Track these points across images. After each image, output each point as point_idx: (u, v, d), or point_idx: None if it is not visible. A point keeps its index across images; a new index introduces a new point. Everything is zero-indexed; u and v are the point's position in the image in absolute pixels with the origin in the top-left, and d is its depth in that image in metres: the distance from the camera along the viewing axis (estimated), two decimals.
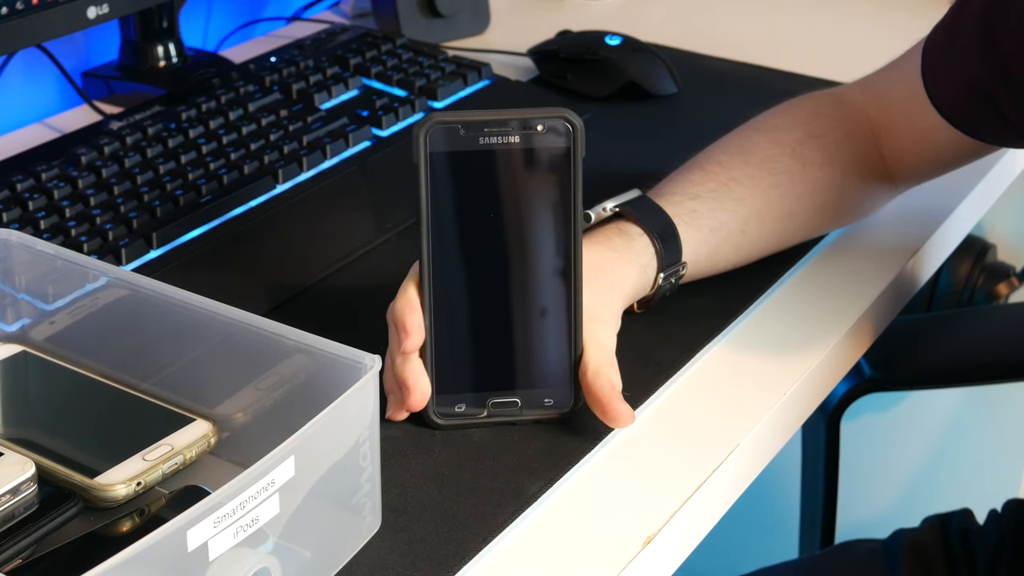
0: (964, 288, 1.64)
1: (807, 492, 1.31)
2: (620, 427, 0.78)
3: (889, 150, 0.96)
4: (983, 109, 0.89)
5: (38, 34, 1.05)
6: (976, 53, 0.87)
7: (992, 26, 0.86)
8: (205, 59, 1.27)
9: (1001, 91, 0.87)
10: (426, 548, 0.70)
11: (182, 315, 0.73)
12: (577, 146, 0.77)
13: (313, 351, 0.69)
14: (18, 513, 0.67)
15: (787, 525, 1.40)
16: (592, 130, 1.15)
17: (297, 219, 1.01)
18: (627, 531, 0.72)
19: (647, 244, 0.86)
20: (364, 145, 1.10)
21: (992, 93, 0.87)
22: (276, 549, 0.62)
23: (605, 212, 0.87)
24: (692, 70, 1.27)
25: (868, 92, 0.98)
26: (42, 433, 0.75)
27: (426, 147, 0.75)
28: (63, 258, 0.78)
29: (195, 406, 0.75)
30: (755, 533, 1.67)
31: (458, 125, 0.76)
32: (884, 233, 1.02)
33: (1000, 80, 0.86)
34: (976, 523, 1.14)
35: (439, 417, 0.78)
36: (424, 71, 1.21)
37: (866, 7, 1.47)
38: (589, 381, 0.77)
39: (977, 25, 0.87)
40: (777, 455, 0.86)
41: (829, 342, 0.89)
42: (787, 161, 0.93)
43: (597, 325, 0.79)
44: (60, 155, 1.03)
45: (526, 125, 0.76)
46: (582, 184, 0.77)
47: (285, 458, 0.61)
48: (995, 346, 1.25)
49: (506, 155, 0.76)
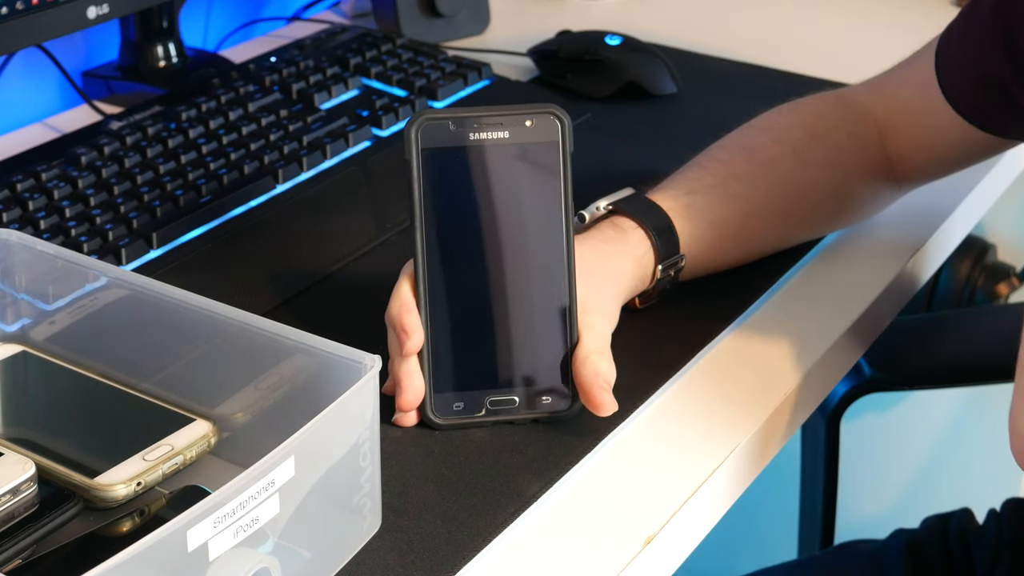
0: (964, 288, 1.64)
1: (807, 492, 1.31)
2: (602, 415, 0.77)
3: (896, 150, 0.96)
4: (999, 103, 0.89)
5: (38, 34, 1.05)
6: (991, 47, 0.88)
7: (1007, 19, 0.86)
8: (205, 59, 1.27)
9: (1017, 84, 0.87)
10: (426, 548, 0.70)
11: (182, 315, 0.73)
12: (566, 140, 0.78)
13: (313, 351, 0.69)
14: (18, 513, 0.67)
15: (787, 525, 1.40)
16: (592, 130, 1.17)
17: (297, 219, 1.01)
18: (627, 531, 0.72)
19: (642, 237, 0.86)
20: (364, 145, 1.10)
21: (1008, 86, 0.88)
22: (276, 549, 0.62)
23: (599, 211, 0.88)
24: (692, 70, 1.27)
25: (876, 93, 0.98)
26: (42, 433, 0.75)
27: (417, 143, 0.76)
28: (63, 258, 0.78)
29: (195, 406, 0.75)
30: (755, 533, 1.67)
31: (448, 121, 0.77)
32: (884, 233, 1.02)
33: (1016, 73, 0.86)
34: (976, 523, 1.14)
35: (437, 416, 0.78)
36: (424, 71, 1.21)
37: (867, 7, 1.47)
38: (577, 367, 0.77)
39: (991, 19, 0.88)
40: (777, 455, 0.86)
41: (829, 342, 0.89)
42: (789, 160, 0.93)
43: (592, 315, 0.80)
44: (60, 155, 1.03)
45: (515, 121, 0.77)
46: (572, 179, 0.78)
47: (285, 458, 0.61)
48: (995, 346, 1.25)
49: (496, 150, 0.77)
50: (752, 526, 1.62)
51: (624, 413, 0.80)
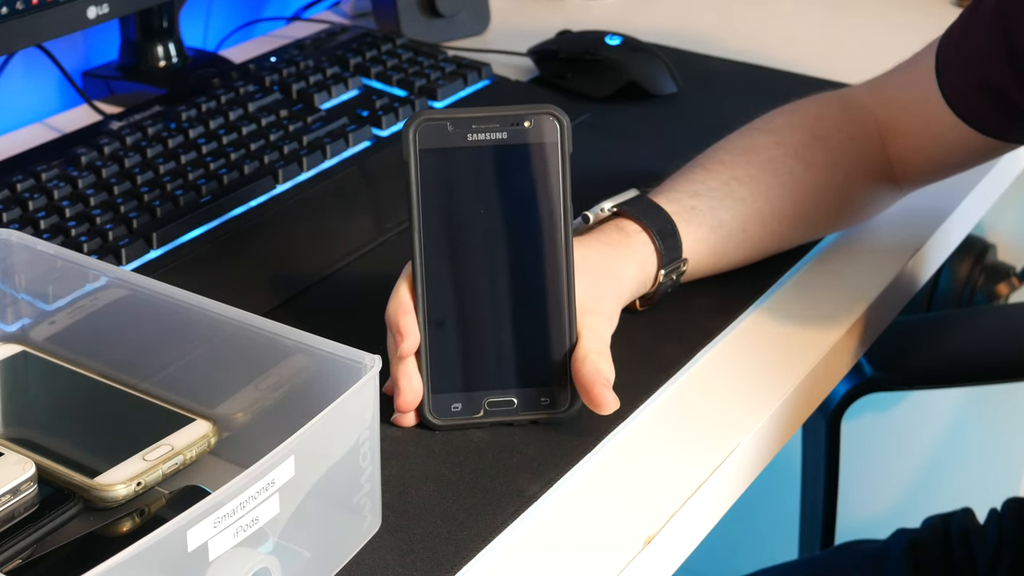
0: (964, 288, 1.64)
1: (808, 492, 1.31)
2: (603, 413, 0.77)
3: (897, 152, 0.96)
4: (999, 107, 0.89)
5: (38, 34, 1.06)
6: (992, 51, 0.88)
7: (1007, 22, 0.86)
8: (205, 59, 1.27)
9: (1017, 88, 0.87)
10: (426, 548, 0.70)
11: (182, 315, 0.73)
12: (564, 141, 0.78)
13: (313, 351, 0.69)
14: (18, 513, 0.67)
15: (787, 525, 1.40)
16: (592, 130, 1.17)
17: (297, 219, 1.01)
18: (627, 531, 0.72)
19: (645, 240, 0.86)
20: (364, 145, 1.10)
21: (1008, 91, 0.88)
22: (276, 549, 0.62)
23: (603, 213, 0.88)
24: (692, 70, 1.27)
25: (877, 94, 0.98)
26: (42, 433, 0.75)
27: (415, 144, 0.76)
28: (63, 258, 0.78)
29: (195, 406, 0.75)
30: (755, 533, 1.67)
31: (446, 122, 0.77)
32: (884, 233, 1.02)
33: (1016, 77, 0.86)
34: (977, 523, 1.14)
35: (435, 417, 0.78)
36: (424, 71, 1.21)
37: (867, 7, 1.47)
38: (577, 366, 0.77)
39: (992, 23, 0.88)
40: (777, 455, 0.86)
41: (829, 342, 0.89)
42: (790, 162, 0.93)
43: (592, 316, 0.79)
44: (60, 155, 1.03)
45: (513, 121, 0.77)
46: (571, 180, 0.78)
47: (285, 458, 0.61)
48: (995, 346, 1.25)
49: (494, 151, 0.77)
50: (753, 526, 1.62)
51: (624, 413, 0.80)
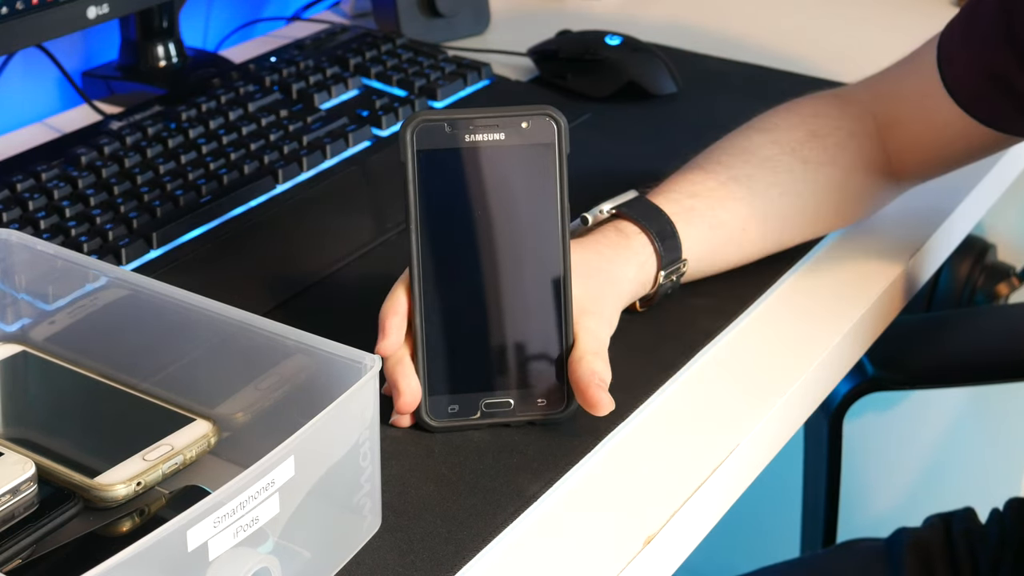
0: (964, 288, 1.64)
1: (809, 491, 1.31)
2: (598, 414, 0.77)
3: (896, 146, 0.96)
4: (1003, 97, 0.89)
5: (38, 34, 1.06)
6: (996, 41, 0.88)
7: (1012, 14, 0.86)
8: (205, 59, 1.27)
9: (1021, 77, 0.87)
10: (426, 548, 0.70)
11: (182, 315, 0.73)
12: (562, 142, 0.78)
13: (313, 351, 0.69)
14: (18, 513, 0.67)
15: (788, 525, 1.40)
16: (592, 130, 1.17)
17: (297, 219, 1.01)
18: (627, 531, 0.72)
19: (645, 242, 0.86)
20: (364, 145, 1.10)
21: (1013, 81, 0.88)
22: (276, 549, 0.62)
23: (602, 214, 0.88)
24: (692, 70, 1.27)
25: (874, 90, 0.98)
26: (42, 433, 0.75)
27: (413, 145, 0.76)
28: (63, 258, 0.78)
29: (195, 406, 0.75)
30: (755, 533, 1.67)
31: (443, 123, 0.77)
32: (884, 233, 1.02)
33: (1021, 67, 0.86)
34: (978, 522, 1.14)
35: (432, 419, 0.78)
36: (424, 71, 1.21)
37: (867, 7, 1.47)
38: (573, 367, 0.77)
39: (997, 14, 0.88)
40: (778, 455, 0.86)
41: (829, 342, 0.89)
42: (788, 160, 0.93)
43: (590, 317, 0.79)
44: (60, 155, 1.03)
45: (511, 122, 0.77)
46: (568, 181, 0.78)
47: (285, 458, 0.61)
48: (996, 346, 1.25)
49: (492, 152, 0.77)
50: (754, 525, 1.62)
51: (624, 413, 0.80)
